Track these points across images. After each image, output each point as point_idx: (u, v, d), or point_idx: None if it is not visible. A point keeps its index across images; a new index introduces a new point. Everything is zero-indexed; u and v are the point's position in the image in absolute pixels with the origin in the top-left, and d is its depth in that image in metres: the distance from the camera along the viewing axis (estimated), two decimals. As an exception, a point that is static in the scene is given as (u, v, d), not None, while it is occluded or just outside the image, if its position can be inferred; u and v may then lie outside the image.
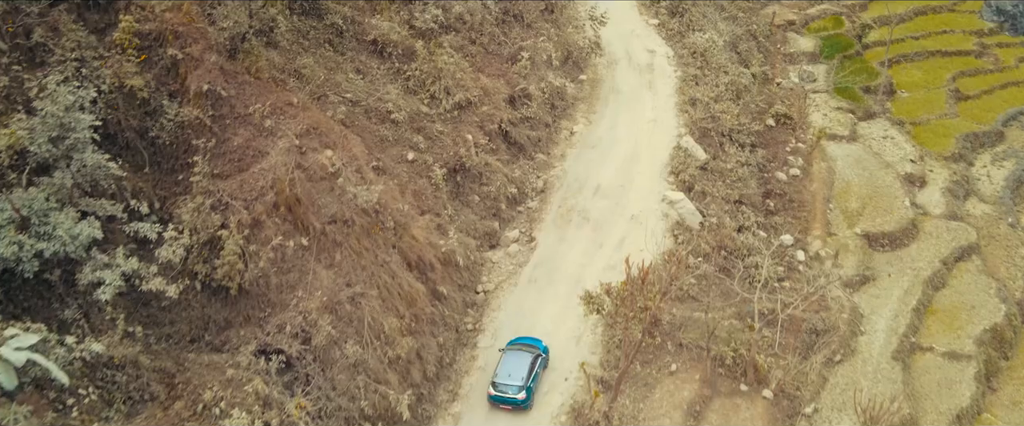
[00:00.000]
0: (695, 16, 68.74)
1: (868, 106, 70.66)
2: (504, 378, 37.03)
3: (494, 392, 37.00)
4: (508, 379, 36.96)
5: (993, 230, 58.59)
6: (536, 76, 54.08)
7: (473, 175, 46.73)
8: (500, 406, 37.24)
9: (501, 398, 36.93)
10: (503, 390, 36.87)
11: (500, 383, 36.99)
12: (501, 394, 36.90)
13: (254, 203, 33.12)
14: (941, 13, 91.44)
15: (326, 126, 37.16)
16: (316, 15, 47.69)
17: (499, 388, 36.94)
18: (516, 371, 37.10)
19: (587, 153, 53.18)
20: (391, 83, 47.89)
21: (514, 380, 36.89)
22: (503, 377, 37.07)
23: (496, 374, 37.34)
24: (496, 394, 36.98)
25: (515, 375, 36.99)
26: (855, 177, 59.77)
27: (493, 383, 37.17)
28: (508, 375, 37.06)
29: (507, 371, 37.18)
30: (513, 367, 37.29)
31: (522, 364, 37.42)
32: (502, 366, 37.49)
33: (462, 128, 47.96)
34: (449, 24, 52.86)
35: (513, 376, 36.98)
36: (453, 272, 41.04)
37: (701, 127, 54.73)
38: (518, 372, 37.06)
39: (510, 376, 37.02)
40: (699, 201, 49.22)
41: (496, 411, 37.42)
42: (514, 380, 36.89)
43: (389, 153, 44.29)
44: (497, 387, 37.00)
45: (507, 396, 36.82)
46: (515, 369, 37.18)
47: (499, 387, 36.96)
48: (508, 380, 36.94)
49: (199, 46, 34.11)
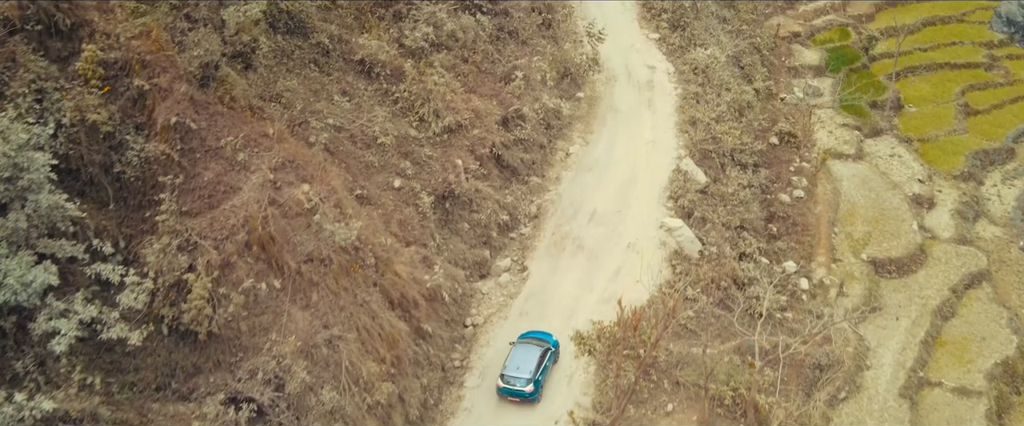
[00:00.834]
0: (697, 30, 66.78)
1: (875, 122, 68.74)
2: (513, 370, 37.36)
3: (502, 384, 37.36)
4: (517, 371, 37.28)
5: (1004, 254, 56.61)
6: (531, 96, 52.25)
7: (463, 202, 44.91)
8: (508, 398, 37.54)
9: (509, 390, 37.28)
10: (511, 382, 37.23)
11: (508, 375, 37.33)
12: (509, 386, 37.24)
13: (224, 242, 31.35)
14: (950, 24, 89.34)
15: (304, 158, 35.36)
16: (301, 34, 45.97)
17: (507, 380, 37.31)
18: (525, 364, 37.41)
19: (583, 176, 51.31)
20: (379, 105, 46.15)
21: (522, 373, 37.19)
22: (512, 369, 37.41)
23: (505, 366, 37.68)
24: (504, 386, 37.33)
25: (524, 368, 37.29)
26: (861, 199, 57.85)
27: (502, 375, 37.53)
28: (517, 367, 37.41)
29: (516, 363, 37.56)
30: (522, 360, 37.62)
31: (531, 357, 37.70)
32: (511, 359, 37.85)
33: (452, 152, 46.14)
34: (441, 42, 51.07)
35: (522, 369, 37.29)
36: (439, 308, 39.25)
37: (701, 149, 52.82)
38: (527, 365, 37.35)
39: (519, 369, 37.34)
40: (698, 228, 47.32)
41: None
42: (522, 373, 37.19)
43: (374, 180, 42.52)
44: (505, 379, 37.35)
45: (515, 388, 37.13)
46: (524, 362, 37.50)
47: (507, 379, 37.31)
48: (516, 372, 37.25)
49: (168, 75, 32.33)
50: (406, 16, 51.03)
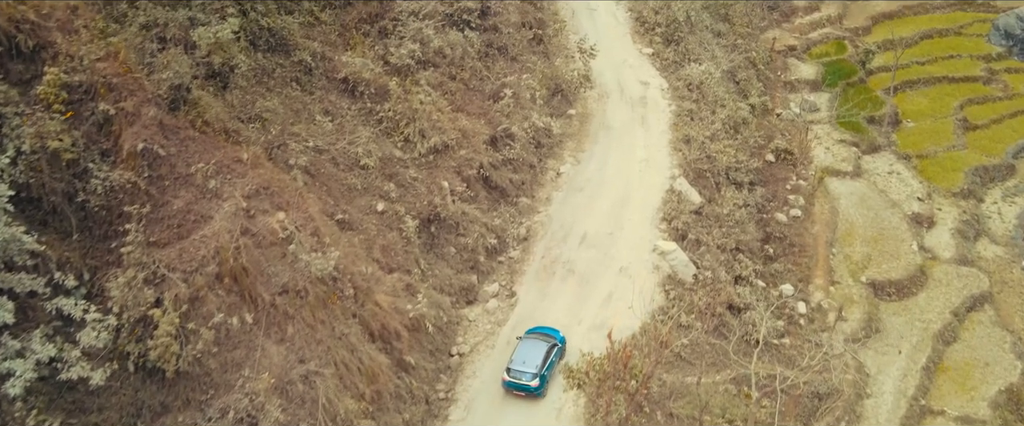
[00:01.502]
0: (691, 44, 65.42)
1: (872, 138, 67.48)
2: (519, 365, 37.51)
3: (508, 378, 37.46)
4: (523, 366, 37.43)
5: (1006, 275, 55.32)
6: (520, 115, 50.75)
7: (449, 225, 43.39)
8: (513, 392, 37.61)
9: (515, 384, 37.41)
10: (517, 376, 37.34)
11: (515, 369, 37.46)
12: (515, 380, 37.37)
13: (194, 275, 29.79)
14: (947, 37, 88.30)
15: (280, 184, 33.84)
16: (283, 52, 44.50)
17: (513, 374, 37.41)
18: (531, 359, 37.60)
19: (574, 197, 49.83)
20: (362, 125, 44.64)
21: (528, 367, 37.34)
22: (518, 364, 37.57)
23: (512, 360, 37.81)
24: (510, 380, 37.44)
25: (530, 362, 37.47)
26: (859, 218, 56.50)
27: (508, 369, 37.61)
28: (523, 362, 37.56)
29: (522, 358, 37.73)
30: (528, 354, 37.81)
31: (537, 352, 37.89)
32: (518, 353, 38.03)
33: (438, 174, 44.64)
34: (427, 59, 49.61)
35: (528, 363, 37.46)
36: (422, 338, 37.68)
37: (696, 168, 51.38)
38: (533, 360, 37.55)
39: (525, 363, 37.50)
40: (693, 251, 45.85)
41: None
42: (528, 367, 37.34)
43: (357, 204, 41.01)
44: (511, 373, 37.45)
45: (521, 382, 37.27)
46: (530, 357, 37.68)
47: (513, 373, 37.41)
48: (523, 367, 37.40)
49: (135, 99, 30.81)
50: (392, 32, 49.60)
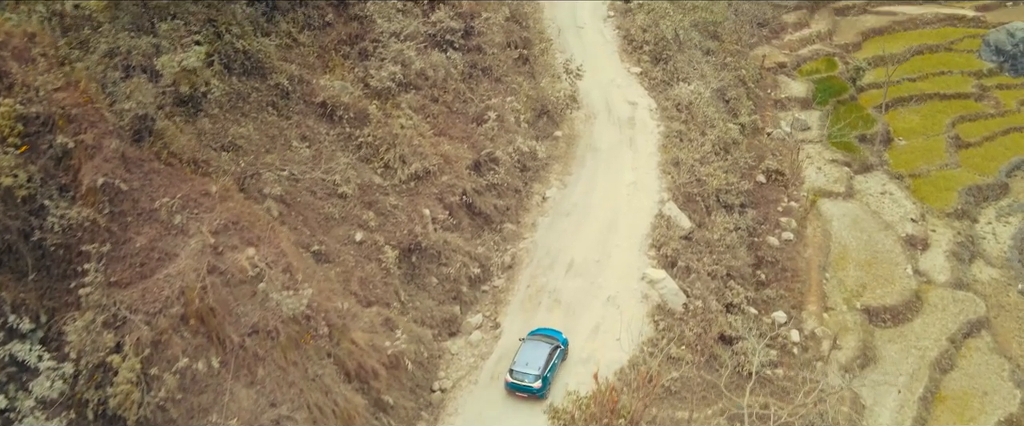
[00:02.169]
0: (680, 63, 64.27)
1: (864, 157, 66.43)
2: (522, 366, 37.57)
3: (511, 379, 37.50)
4: (525, 367, 37.49)
5: (1002, 298, 54.18)
6: (505, 138, 49.41)
7: (430, 255, 41.93)
8: (516, 394, 37.63)
9: (517, 386, 37.44)
10: (520, 378, 37.40)
11: (517, 371, 37.53)
12: (518, 382, 37.42)
13: (157, 317, 28.21)
14: (938, 52, 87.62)
15: (250, 218, 32.30)
16: (259, 75, 43.00)
17: (516, 376, 37.48)
18: (534, 360, 37.66)
19: (560, 222, 48.47)
20: (341, 151, 43.19)
21: (531, 369, 37.40)
22: (521, 365, 37.63)
23: (514, 362, 37.85)
24: (513, 381, 37.48)
25: (532, 364, 37.54)
26: (853, 241, 55.30)
27: (511, 370, 37.63)
28: (526, 364, 37.62)
29: (525, 360, 37.77)
30: (531, 356, 37.85)
31: (540, 354, 37.92)
32: (520, 354, 38.05)
33: (419, 201, 43.22)
34: (409, 81, 48.23)
35: (531, 365, 37.52)
36: (402, 375, 36.14)
37: (685, 192, 50.09)
38: (536, 361, 37.60)
39: (527, 365, 37.56)
40: (683, 279, 44.49)
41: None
42: (531, 369, 37.40)
43: (334, 234, 39.51)
44: (514, 374, 37.51)
45: (523, 384, 37.30)
46: (533, 358, 37.73)
47: (516, 375, 37.48)
48: (525, 368, 37.46)
49: (96, 131, 29.30)
50: (372, 54, 48.20)
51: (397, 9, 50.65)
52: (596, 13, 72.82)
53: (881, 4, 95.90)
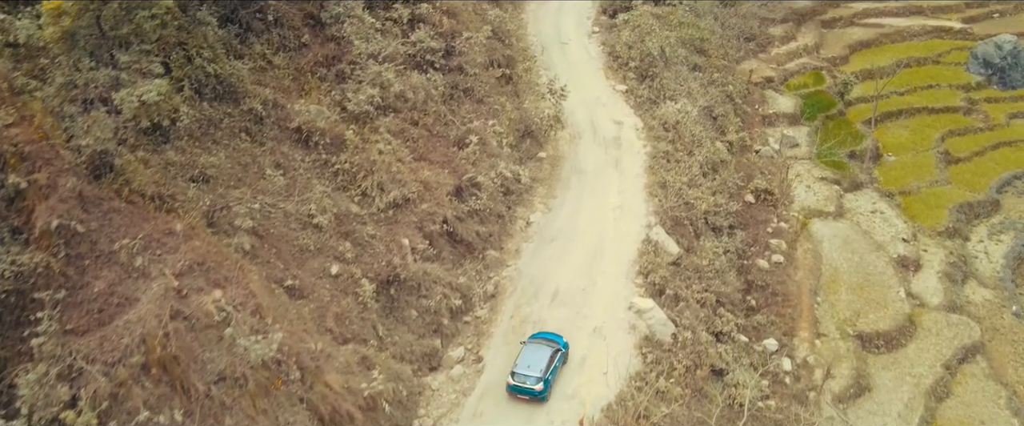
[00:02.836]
0: (666, 79, 62.97)
1: (854, 175, 65.39)
2: (524, 369, 37.64)
3: (513, 382, 37.53)
4: (527, 370, 37.56)
5: (996, 321, 53.09)
6: (487, 163, 47.94)
7: (409, 287, 40.40)
8: (517, 396, 37.65)
9: (519, 388, 37.44)
10: (521, 380, 37.42)
11: (519, 373, 37.56)
12: (520, 384, 37.42)
13: (116, 367, 26.60)
14: (925, 65, 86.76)
15: (217, 257, 30.75)
16: (231, 100, 41.50)
17: (518, 378, 37.50)
18: (536, 363, 37.75)
19: (545, 248, 47.04)
20: (317, 179, 41.70)
21: (533, 371, 37.46)
22: (522, 368, 37.69)
23: (516, 365, 37.93)
24: (515, 384, 37.50)
25: (534, 367, 37.61)
26: (844, 263, 54.11)
27: (512, 373, 37.71)
28: (528, 366, 37.69)
29: (527, 362, 37.86)
30: (533, 359, 37.95)
31: (542, 356, 38.01)
32: (522, 357, 38.14)
33: (398, 230, 41.73)
34: (388, 104, 46.76)
35: (532, 368, 37.60)
36: (380, 417, 34.50)
37: (673, 216, 48.75)
38: (537, 364, 37.69)
39: (529, 367, 37.65)
40: (671, 307, 43.11)
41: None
42: (533, 371, 37.46)
43: (309, 267, 37.95)
44: (516, 377, 37.54)
45: (525, 386, 37.33)
46: (535, 361, 37.83)
47: (518, 377, 37.51)
48: (527, 371, 37.53)
49: (51, 169, 27.73)
50: (350, 76, 46.71)
51: (376, 29, 49.24)
52: (581, 29, 71.65)
53: (868, 16, 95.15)
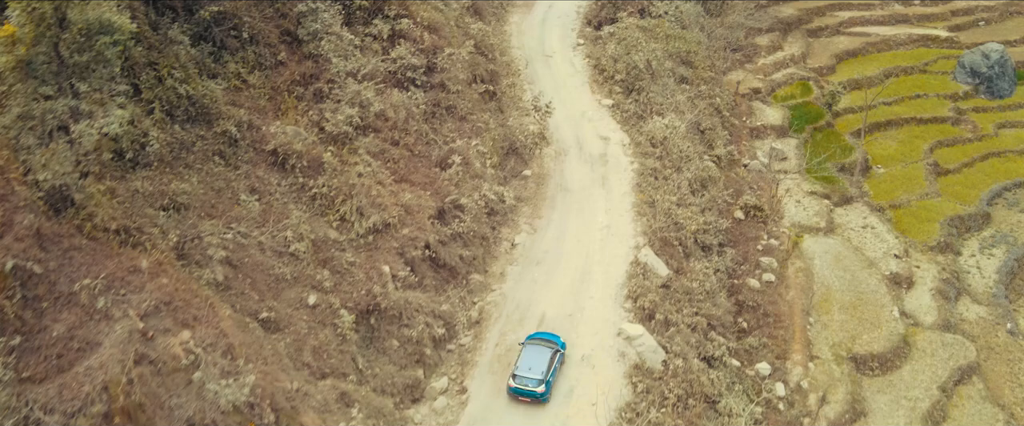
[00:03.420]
0: (653, 93, 61.74)
1: (844, 189, 64.33)
2: (525, 371, 37.52)
3: (514, 384, 37.38)
4: (529, 372, 37.45)
5: (991, 340, 52.09)
6: (470, 184, 46.55)
7: (390, 316, 38.90)
8: (519, 398, 37.47)
9: (521, 391, 37.26)
10: (523, 383, 37.29)
11: (520, 376, 37.44)
12: (521, 387, 37.26)
13: (76, 417, 25.04)
14: (912, 75, 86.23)
15: (185, 295, 29.20)
16: (204, 122, 40.03)
17: (519, 380, 37.37)
18: (537, 365, 37.64)
19: (531, 271, 45.67)
20: (293, 204, 40.22)
21: (534, 373, 37.37)
22: (524, 370, 37.57)
23: (517, 367, 37.79)
24: (516, 386, 37.33)
25: (536, 368, 37.52)
26: (836, 280, 52.97)
27: (514, 375, 37.58)
28: (529, 368, 37.58)
29: (528, 364, 37.73)
30: (534, 361, 37.83)
31: (542, 358, 37.92)
32: (523, 359, 38.00)
33: (378, 257, 40.27)
34: (367, 124, 45.34)
35: (533, 369, 37.49)
36: (359, 457, 33.09)
37: (662, 236, 47.47)
38: (538, 366, 37.61)
39: (530, 369, 37.53)
40: (661, 333, 41.80)
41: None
42: (534, 373, 37.37)
43: (285, 298, 36.43)
44: (517, 379, 37.41)
45: (527, 389, 37.16)
46: (536, 363, 37.73)
47: (519, 380, 37.39)
48: (529, 373, 37.42)
49: (6, 206, 26.17)
50: (328, 95, 45.25)
51: (355, 46, 47.79)
52: (566, 41, 70.44)
53: (854, 25, 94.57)
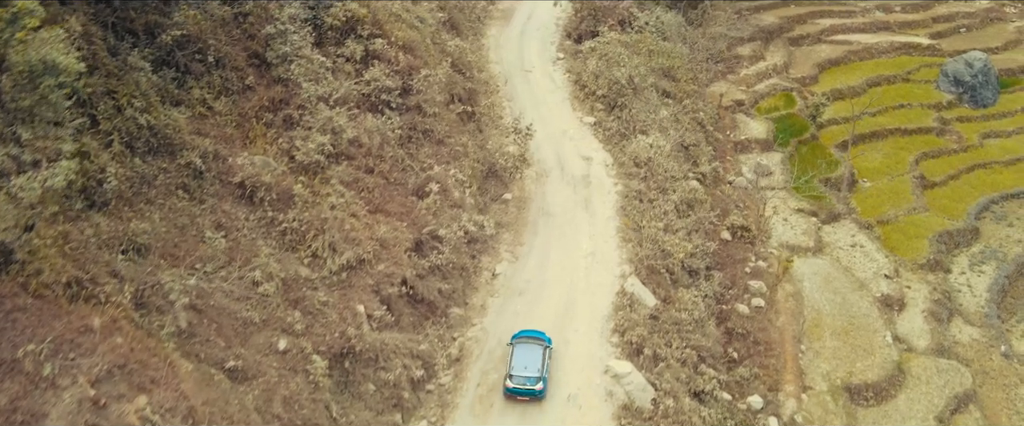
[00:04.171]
0: (636, 110, 59.97)
1: (831, 205, 63.11)
2: (520, 370, 37.69)
3: (512, 384, 37.47)
4: (524, 371, 37.66)
5: (986, 363, 50.87)
6: (449, 214, 44.60)
7: (366, 359, 36.82)
8: (517, 397, 37.63)
9: (519, 390, 37.45)
10: (521, 382, 37.48)
11: (517, 375, 37.56)
12: (520, 386, 37.44)
13: (20, 499, 22.91)
14: (895, 83, 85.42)
15: (142, 355, 27.03)
16: (167, 154, 37.74)
17: (516, 380, 37.50)
18: (531, 363, 37.91)
19: (513, 303, 43.78)
20: (262, 239, 38.05)
21: (530, 372, 37.60)
22: (519, 369, 37.71)
23: (512, 367, 37.86)
24: (515, 386, 37.44)
25: (531, 367, 37.77)
26: (826, 304, 51.53)
27: (510, 376, 37.63)
28: (524, 367, 37.79)
29: (522, 363, 37.92)
30: (528, 359, 38.08)
31: (535, 355, 38.24)
32: (516, 359, 38.14)
33: (352, 295, 38.20)
34: (340, 151, 43.29)
35: (529, 368, 37.73)
36: (333, 517, 31.09)
37: (648, 264, 45.75)
38: (533, 364, 37.87)
39: (526, 368, 37.74)
40: (650, 369, 40.06)
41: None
42: (530, 372, 37.60)
43: (254, 344, 34.24)
44: (514, 379, 37.52)
45: (525, 388, 37.42)
46: (530, 361, 37.98)
47: (516, 379, 37.51)
48: (525, 372, 37.61)
49: (-58, 267, 23.96)
50: (298, 122, 43.13)
51: (326, 68, 45.75)
52: (545, 55, 68.70)
53: (835, 33, 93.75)
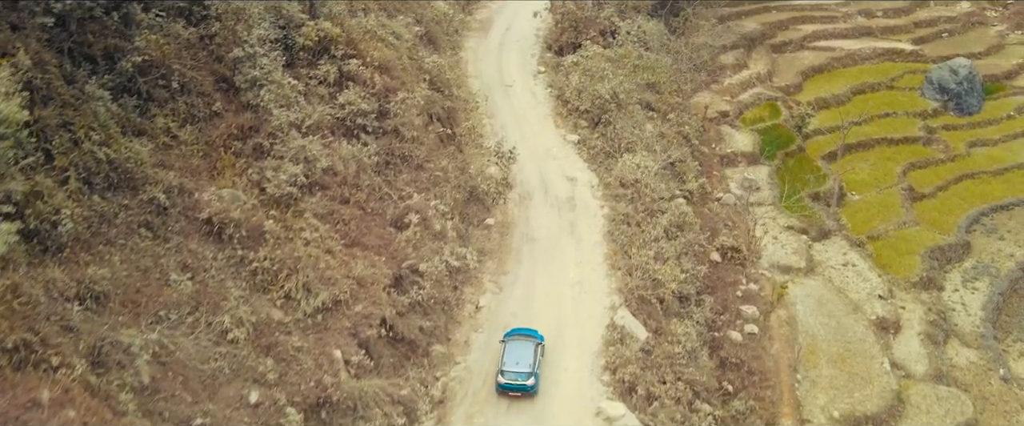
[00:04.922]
0: (621, 126, 57.96)
1: (821, 222, 61.59)
2: (512, 366, 38.03)
3: (503, 380, 37.84)
4: (516, 366, 38.00)
5: (985, 389, 49.57)
6: (430, 247, 42.40)
7: (344, 409, 34.52)
8: (509, 393, 38.01)
9: (511, 385, 37.84)
10: (513, 378, 37.79)
11: (509, 371, 37.90)
12: (511, 381, 37.79)
13: None
14: (879, 91, 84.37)
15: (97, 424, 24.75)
16: (128, 189, 35.14)
17: (508, 376, 37.85)
18: (523, 359, 38.28)
19: (498, 338, 41.60)
20: (231, 280, 35.64)
21: (522, 367, 37.93)
22: (511, 365, 38.05)
23: (504, 363, 38.22)
24: (506, 382, 37.82)
25: (523, 362, 38.13)
26: (821, 329, 49.95)
27: (502, 371, 37.98)
28: (516, 363, 38.15)
29: (514, 359, 38.29)
30: (520, 355, 38.48)
31: (527, 352, 38.62)
32: (508, 355, 38.55)
33: (328, 339, 35.92)
34: (314, 181, 40.95)
35: (521, 363, 38.08)
36: None
37: (639, 294, 43.83)
38: (525, 359, 38.25)
39: (517, 364, 38.11)
40: (643, 410, 38.18)
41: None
42: (522, 367, 37.93)
43: (223, 397, 31.87)
44: (506, 375, 37.87)
45: (517, 383, 37.75)
46: (521, 357, 38.35)
47: (508, 375, 37.86)
48: (516, 367, 37.96)
49: None
50: (269, 151, 40.73)
51: (298, 92, 43.36)
52: (525, 69, 66.68)
53: (818, 39, 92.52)
